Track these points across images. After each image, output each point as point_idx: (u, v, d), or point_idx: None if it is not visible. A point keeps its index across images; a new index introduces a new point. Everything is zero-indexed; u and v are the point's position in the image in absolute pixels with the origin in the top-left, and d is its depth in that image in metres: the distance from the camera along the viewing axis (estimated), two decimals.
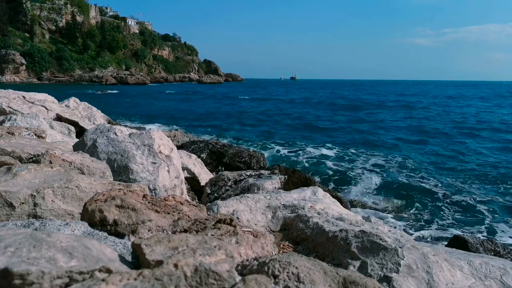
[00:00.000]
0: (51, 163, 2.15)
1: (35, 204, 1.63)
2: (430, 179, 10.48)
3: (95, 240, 1.09)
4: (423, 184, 9.99)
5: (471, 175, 11.03)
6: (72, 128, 5.48)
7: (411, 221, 7.44)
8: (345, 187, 9.61)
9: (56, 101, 7.01)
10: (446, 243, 5.04)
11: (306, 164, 12.13)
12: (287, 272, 1.00)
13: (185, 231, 1.38)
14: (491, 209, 8.22)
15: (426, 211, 8.03)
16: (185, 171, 4.64)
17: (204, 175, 5.00)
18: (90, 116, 7.86)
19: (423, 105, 39.52)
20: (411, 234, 6.48)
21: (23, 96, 6.18)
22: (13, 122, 4.30)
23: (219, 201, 2.72)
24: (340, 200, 4.52)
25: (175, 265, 0.93)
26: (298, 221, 2.42)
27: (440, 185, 9.93)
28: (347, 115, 28.13)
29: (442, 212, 8.01)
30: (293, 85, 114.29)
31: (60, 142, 3.78)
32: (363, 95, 58.69)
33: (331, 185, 9.43)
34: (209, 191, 4.27)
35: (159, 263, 0.96)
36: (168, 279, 0.85)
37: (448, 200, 8.73)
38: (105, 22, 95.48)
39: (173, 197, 1.73)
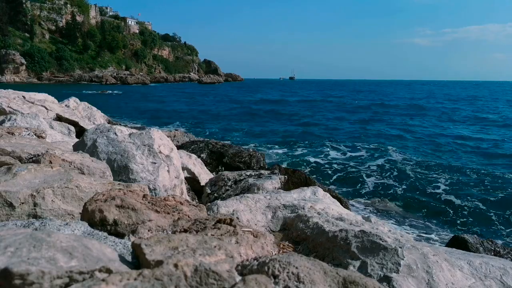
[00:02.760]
0: (51, 163, 2.15)
1: (35, 204, 1.63)
2: (431, 179, 10.48)
3: (95, 240, 1.09)
4: (424, 184, 9.99)
5: (472, 175, 11.03)
6: (72, 128, 5.48)
7: (411, 221, 7.43)
8: (345, 187, 9.61)
9: (56, 101, 7.00)
10: (446, 243, 5.04)
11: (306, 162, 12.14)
12: (287, 272, 1.00)
13: (185, 231, 1.38)
14: (492, 209, 8.21)
15: (426, 211, 8.02)
16: (185, 171, 4.64)
17: (204, 175, 4.99)
18: (90, 116, 7.86)
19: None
20: (411, 234, 6.47)
21: (23, 96, 6.18)
22: (13, 122, 4.30)
23: (219, 201, 2.72)
24: (340, 200, 4.51)
25: (175, 265, 0.93)
26: (298, 221, 2.42)
27: (440, 185, 9.92)
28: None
29: (442, 212, 8.01)
30: (289, 85, 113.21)
31: (60, 142, 3.78)
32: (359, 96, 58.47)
33: (331, 185, 9.43)
34: (209, 191, 4.27)
35: (159, 263, 0.96)
36: (168, 279, 0.85)
37: (448, 200, 8.73)
38: (105, 22, 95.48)
39: (173, 197, 1.73)
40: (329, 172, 11.22)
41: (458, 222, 7.52)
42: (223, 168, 6.37)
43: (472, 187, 9.84)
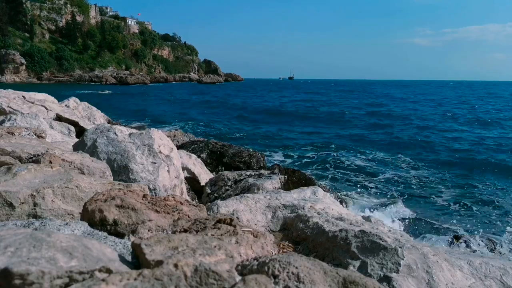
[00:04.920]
0: (51, 163, 2.15)
1: (35, 204, 1.63)
2: (431, 179, 10.48)
3: (95, 240, 1.09)
4: (424, 184, 10.00)
5: (472, 175, 11.03)
6: (72, 128, 5.48)
7: (411, 221, 7.43)
8: (345, 187, 9.61)
9: (56, 101, 7.00)
10: (446, 243, 5.04)
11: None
12: (287, 272, 1.00)
13: (185, 231, 1.38)
14: (492, 209, 8.22)
15: (426, 211, 8.02)
16: (185, 171, 4.64)
17: (204, 175, 5.00)
18: (90, 116, 7.86)
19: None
20: (411, 234, 6.47)
21: (23, 96, 6.18)
22: (13, 122, 4.30)
23: (219, 201, 2.72)
24: (340, 200, 4.51)
25: (175, 265, 0.93)
26: (298, 221, 2.42)
27: (440, 185, 9.93)
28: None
29: (442, 212, 8.01)
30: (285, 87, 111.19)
31: (60, 142, 3.78)
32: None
33: (331, 185, 9.43)
34: (209, 191, 4.27)
35: (159, 263, 0.96)
36: (168, 279, 0.85)
37: (448, 200, 8.73)
38: (105, 22, 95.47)
39: (173, 197, 1.73)
40: (329, 172, 11.22)
41: (458, 222, 7.52)
42: (223, 168, 6.37)
43: (472, 187, 9.84)
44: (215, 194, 4.14)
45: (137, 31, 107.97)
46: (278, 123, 22.82)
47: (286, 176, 4.41)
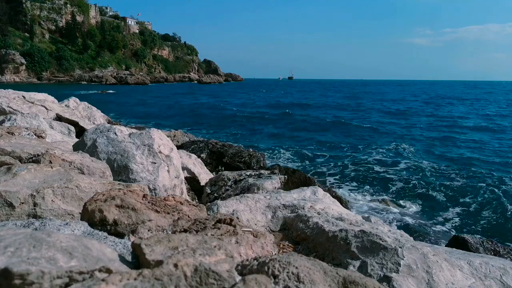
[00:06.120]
0: (51, 163, 2.15)
1: (35, 204, 1.63)
2: (431, 179, 10.48)
3: (95, 240, 1.09)
4: (424, 184, 9.99)
5: (472, 175, 11.03)
6: (72, 128, 5.48)
7: (411, 220, 7.44)
8: (345, 187, 9.61)
9: (56, 101, 7.00)
10: (446, 243, 5.04)
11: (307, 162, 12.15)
12: (287, 272, 1.00)
13: (185, 231, 1.38)
14: (492, 209, 8.22)
15: (426, 211, 8.03)
16: (185, 171, 4.64)
17: (204, 175, 5.00)
18: (90, 116, 7.85)
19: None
20: (411, 234, 6.47)
21: (23, 96, 6.17)
22: (13, 122, 4.29)
23: (219, 201, 2.72)
24: (340, 200, 4.51)
25: (175, 265, 0.93)
26: (298, 221, 2.42)
27: (441, 185, 9.93)
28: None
29: (442, 212, 8.01)
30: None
31: (60, 142, 3.78)
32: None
33: (331, 185, 9.43)
34: (209, 191, 4.27)
35: (159, 263, 0.96)
36: (168, 279, 0.85)
37: (448, 200, 8.73)
38: (105, 22, 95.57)
39: (173, 197, 1.73)
40: (329, 172, 11.23)
41: (458, 222, 7.52)
42: (223, 168, 6.37)
43: (473, 187, 9.84)
44: (215, 194, 4.14)
45: (137, 31, 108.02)
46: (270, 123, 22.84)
47: (286, 176, 4.41)
